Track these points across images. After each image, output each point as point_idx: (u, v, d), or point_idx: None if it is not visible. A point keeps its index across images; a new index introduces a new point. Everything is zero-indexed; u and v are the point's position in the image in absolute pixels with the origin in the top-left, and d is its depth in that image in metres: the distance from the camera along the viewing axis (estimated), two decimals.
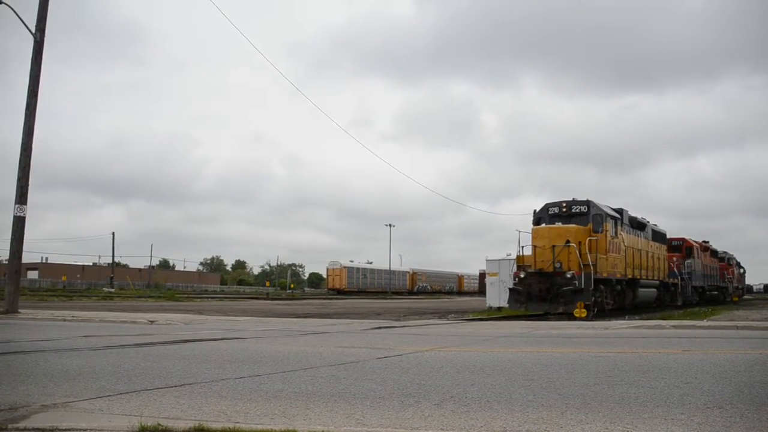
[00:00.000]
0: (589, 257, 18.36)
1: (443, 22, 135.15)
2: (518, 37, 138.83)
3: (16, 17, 15.85)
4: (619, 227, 21.19)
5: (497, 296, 24.93)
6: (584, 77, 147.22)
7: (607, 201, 21.23)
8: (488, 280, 26.93)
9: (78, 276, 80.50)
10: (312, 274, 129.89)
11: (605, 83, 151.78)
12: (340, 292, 71.58)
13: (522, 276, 19.13)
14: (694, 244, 32.02)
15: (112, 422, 3.45)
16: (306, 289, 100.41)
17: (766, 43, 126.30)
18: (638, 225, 24.13)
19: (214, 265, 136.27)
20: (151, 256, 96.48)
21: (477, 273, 76.65)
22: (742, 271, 47.36)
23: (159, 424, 3.32)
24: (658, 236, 26.59)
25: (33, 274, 77.00)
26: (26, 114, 16.08)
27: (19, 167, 15.91)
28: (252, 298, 49.54)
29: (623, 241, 21.48)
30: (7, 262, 17.80)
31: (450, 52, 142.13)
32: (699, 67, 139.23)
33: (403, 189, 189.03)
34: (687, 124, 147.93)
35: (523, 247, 20.17)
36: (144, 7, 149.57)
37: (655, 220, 26.97)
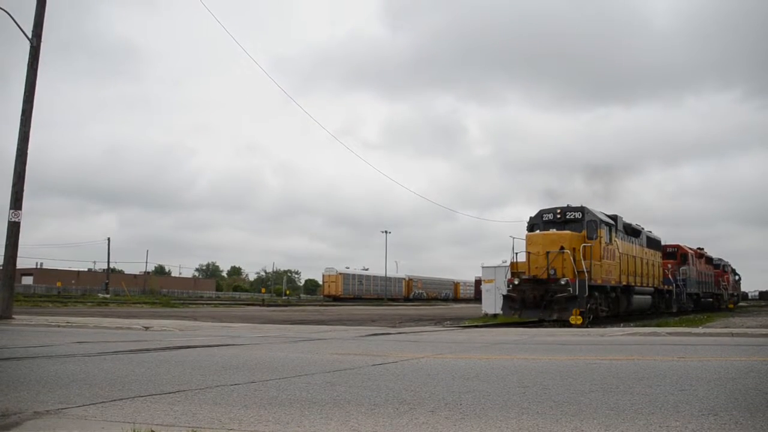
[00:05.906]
0: (583, 264, 18.37)
1: (415, 44, 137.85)
2: (491, 54, 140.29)
3: (14, 24, 15.87)
4: (613, 234, 21.22)
5: (493, 303, 24.94)
6: (561, 92, 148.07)
7: (597, 209, 21.27)
8: (484, 287, 26.94)
9: (73, 282, 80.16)
10: (308, 281, 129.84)
11: (583, 97, 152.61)
12: (336, 299, 71.41)
13: (516, 283, 19.14)
14: (689, 251, 32.09)
15: (105, 429, 3.43)
16: (302, 295, 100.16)
17: (731, 61, 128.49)
18: (633, 232, 24.19)
19: (210, 272, 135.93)
20: (146, 262, 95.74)
21: (473, 280, 76.46)
22: (737, 278, 47.40)
23: (152, 431, 3.31)
24: (653, 243, 26.65)
25: (28, 280, 76.67)
26: (22, 120, 16.07)
27: (14, 173, 15.89)
28: (247, 304, 49.44)
29: (618, 248, 21.52)
30: (1, 268, 17.73)
31: (428, 70, 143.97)
32: (671, 83, 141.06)
33: (394, 197, 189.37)
34: (665, 137, 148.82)
35: (516, 253, 20.21)
36: (138, 25, 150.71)
37: (647, 227, 27.03)
